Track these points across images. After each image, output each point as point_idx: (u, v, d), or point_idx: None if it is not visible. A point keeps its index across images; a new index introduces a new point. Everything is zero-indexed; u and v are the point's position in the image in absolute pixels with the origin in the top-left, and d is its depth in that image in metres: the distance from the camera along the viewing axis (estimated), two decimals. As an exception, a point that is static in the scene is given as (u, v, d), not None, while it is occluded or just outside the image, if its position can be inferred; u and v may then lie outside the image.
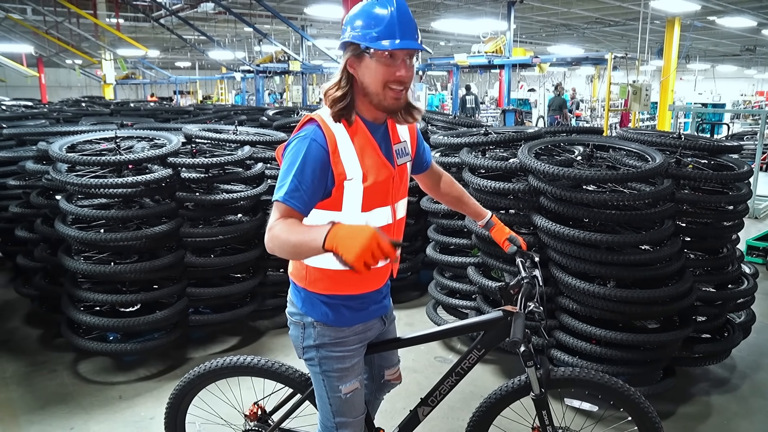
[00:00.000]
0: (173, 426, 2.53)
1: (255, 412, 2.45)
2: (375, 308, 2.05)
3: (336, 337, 1.97)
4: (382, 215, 1.92)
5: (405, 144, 2.00)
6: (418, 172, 2.24)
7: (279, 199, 1.72)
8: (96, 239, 3.53)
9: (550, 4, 15.53)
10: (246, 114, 7.60)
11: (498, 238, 2.30)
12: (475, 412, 2.42)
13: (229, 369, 2.37)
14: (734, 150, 3.99)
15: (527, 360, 2.10)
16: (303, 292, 1.98)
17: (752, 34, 19.69)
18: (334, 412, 2.06)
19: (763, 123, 9.46)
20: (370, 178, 1.82)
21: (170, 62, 30.36)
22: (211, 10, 13.89)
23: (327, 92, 1.83)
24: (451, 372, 2.23)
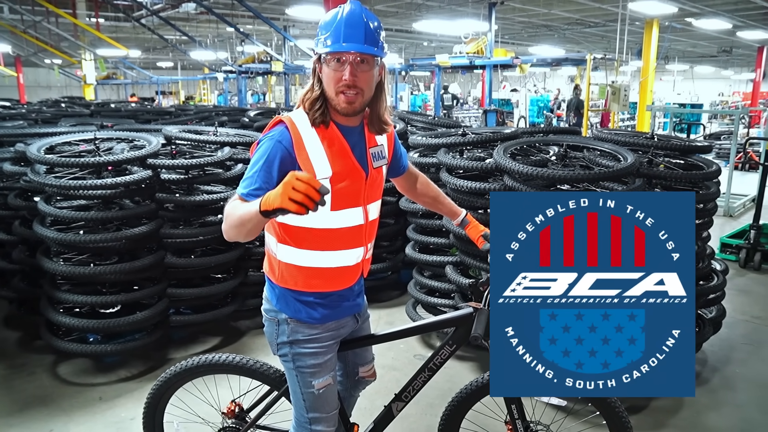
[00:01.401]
0: (151, 425, 2.55)
1: (232, 410, 2.48)
2: (348, 306, 2.09)
3: (309, 333, 2.02)
4: (354, 216, 1.96)
5: (382, 147, 2.04)
6: (395, 175, 2.29)
7: (241, 193, 1.79)
8: (75, 240, 3.53)
9: (531, 5, 15.68)
10: (227, 115, 7.60)
11: (473, 235, 2.36)
12: (446, 407, 2.48)
13: (206, 367, 2.40)
14: (704, 150, 4.10)
15: None
16: (277, 289, 2.03)
17: (728, 35, 20.04)
18: (307, 407, 2.10)
19: (737, 123, 9.67)
20: (339, 179, 1.87)
21: (152, 62, 30.12)
22: (193, 11, 13.83)
23: (303, 97, 1.90)
24: (424, 368, 2.28)
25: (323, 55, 1.83)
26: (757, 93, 24.51)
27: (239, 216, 1.68)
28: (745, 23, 17.20)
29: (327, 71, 1.83)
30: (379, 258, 5.05)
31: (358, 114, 1.91)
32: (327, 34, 1.81)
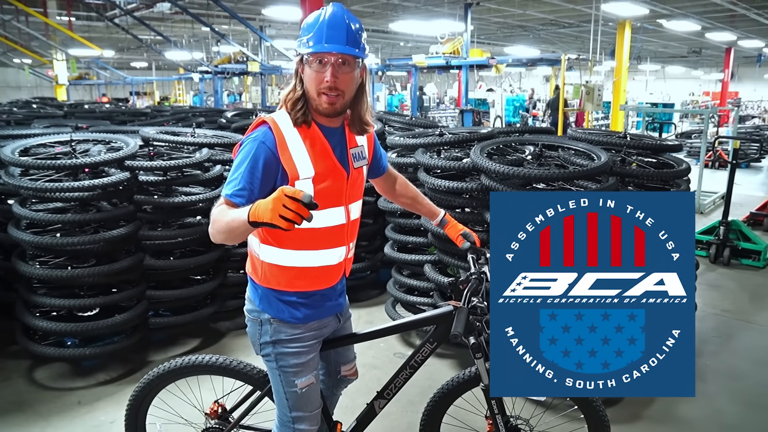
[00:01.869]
0: (134, 427, 2.55)
1: (215, 411, 2.49)
2: (330, 306, 2.12)
3: (292, 333, 2.03)
4: (336, 215, 1.98)
5: (362, 148, 2.07)
6: (375, 176, 2.31)
7: (226, 195, 1.80)
8: (53, 243, 3.50)
9: (506, 6, 15.84)
10: (204, 116, 7.56)
11: (452, 234, 2.40)
12: (428, 403, 2.52)
13: (189, 368, 2.41)
14: (675, 149, 4.21)
15: (476, 352, 2.20)
16: (260, 289, 2.04)
17: (697, 37, 20.47)
18: (290, 406, 2.12)
19: (706, 122, 9.90)
20: (321, 179, 1.90)
21: (126, 63, 29.71)
22: (168, 11, 13.68)
23: (285, 98, 1.92)
24: (406, 365, 2.32)
25: (305, 56, 1.85)
26: (726, 93, 25.05)
27: (227, 222, 1.70)
28: (713, 25, 17.59)
29: (309, 72, 1.85)
30: (358, 258, 5.08)
31: (339, 115, 1.94)
32: (309, 35, 1.83)
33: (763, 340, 4.59)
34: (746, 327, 4.80)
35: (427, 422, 2.54)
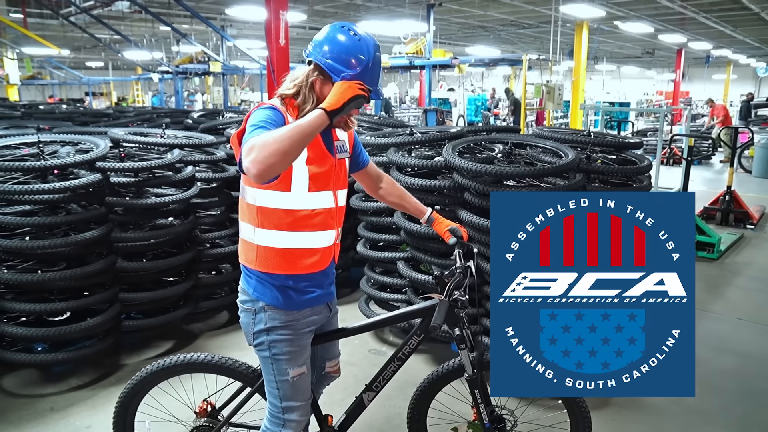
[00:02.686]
0: (122, 425, 2.54)
1: (204, 409, 2.52)
2: (321, 293, 2.19)
3: (286, 320, 2.10)
4: (326, 198, 2.10)
5: (343, 142, 2.19)
6: (356, 169, 2.40)
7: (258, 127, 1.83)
8: (22, 247, 3.43)
9: (467, 7, 16.04)
10: (169, 116, 7.46)
11: (439, 230, 2.47)
12: (413, 394, 2.60)
13: (181, 366, 2.43)
14: (636, 146, 4.39)
15: (460, 343, 2.28)
16: (254, 276, 2.10)
17: (651, 38, 21.14)
18: (281, 396, 2.17)
19: (662, 121, 10.26)
20: (313, 161, 2.02)
21: (81, 62, 28.89)
22: (127, 9, 13.40)
23: (285, 98, 2.02)
24: (393, 358, 2.40)
25: (343, 76, 1.93)
26: (678, 92, 25.92)
27: (289, 130, 1.73)
28: (665, 27, 18.20)
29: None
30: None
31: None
32: (351, 71, 1.93)
33: (718, 327, 4.81)
34: (703, 316, 5.02)
35: (413, 413, 2.62)
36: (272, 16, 8.48)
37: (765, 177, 12.67)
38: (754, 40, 22.46)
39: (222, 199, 4.82)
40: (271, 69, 8.68)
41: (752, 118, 17.80)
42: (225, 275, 4.82)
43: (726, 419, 3.48)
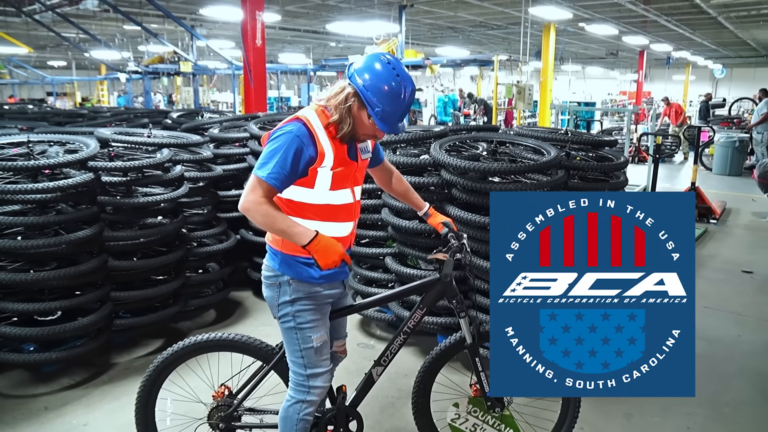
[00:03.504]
0: (144, 406, 2.66)
1: (222, 393, 2.67)
2: (338, 271, 2.37)
3: (308, 291, 2.31)
4: (344, 195, 2.34)
5: (366, 144, 2.44)
6: (374, 165, 2.63)
7: (263, 177, 2.11)
8: (16, 246, 3.43)
9: (437, 8, 16.24)
10: (147, 117, 7.42)
11: (433, 223, 2.71)
12: (419, 370, 2.76)
13: (200, 346, 2.61)
14: (612, 144, 4.60)
15: (460, 311, 2.51)
16: (279, 255, 2.31)
17: (615, 40, 21.70)
18: (305, 364, 2.37)
19: (628, 120, 10.61)
20: (337, 166, 2.25)
21: (42, 61, 28.16)
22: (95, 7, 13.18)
23: (325, 112, 2.23)
24: (399, 332, 2.60)
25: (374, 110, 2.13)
26: (641, 92, 26.69)
27: (282, 228, 2.12)
28: (629, 29, 18.74)
29: (367, 122, 2.19)
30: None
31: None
32: (386, 106, 2.12)
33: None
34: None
35: (419, 387, 2.77)
36: (248, 16, 8.51)
37: (724, 174, 13.19)
38: (711, 42, 23.29)
39: (208, 198, 4.86)
40: (247, 69, 8.70)
41: (711, 117, 18.46)
42: (212, 274, 4.87)
43: (698, 399, 3.69)
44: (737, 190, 11.24)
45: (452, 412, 2.89)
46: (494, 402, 2.66)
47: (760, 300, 5.44)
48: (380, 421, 3.40)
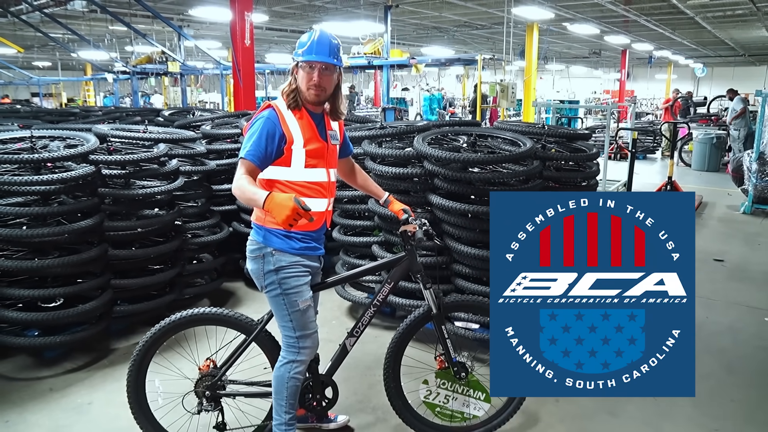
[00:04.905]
0: (135, 386, 2.82)
1: (208, 366, 2.88)
2: (315, 245, 2.68)
3: (290, 261, 2.58)
4: (320, 173, 2.64)
5: (335, 132, 2.74)
6: (342, 156, 2.91)
7: (243, 156, 2.45)
8: (23, 235, 3.61)
9: (422, 9, 16.50)
10: (139, 115, 7.60)
11: (394, 209, 2.98)
12: (388, 347, 2.98)
13: (185, 321, 2.79)
14: (585, 137, 4.86)
15: (426, 282, 2.79)
16: (263, 229, 2.61)
17: (597, 39, 22.11)
18: (294, 327, 2.63)
19: (609, 117, 10.91)
20: (308, 144, 2.57)
21: (28, 61, 28.05)
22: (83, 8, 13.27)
23: (283, 91, 2.58)
24: (370, 305, 2.90)
25: (299, 62, 2.54)
26: (623, 91, 27.14)
27: (249, 196, 2.33)
28: (610, 29, 19.13)
29: (301, 74, 2.56)
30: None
31: (321, 104, 2.65)
32: (303, 48, 2.53)
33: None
34: (648, 291, 5.55)
35: (388, 364, 2.99)
36: (237, 17, 8.69)
37: (703, 170, 13.56)
38: (690, 42, 23.77)
39: (202, 192, 5.06)
40: (236, 69, 8.88)
41: (691, 115, 18.88)
42: (206, 264, 5.07)
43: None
44: (714, 185, 11.60)
45: (423, 389, 3.05)
46: (459, 367, 2.90)
47: (729, 286, 5.74)
48: (369, 396, 3.62)
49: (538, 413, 3.42)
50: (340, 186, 4.98)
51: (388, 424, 3.26)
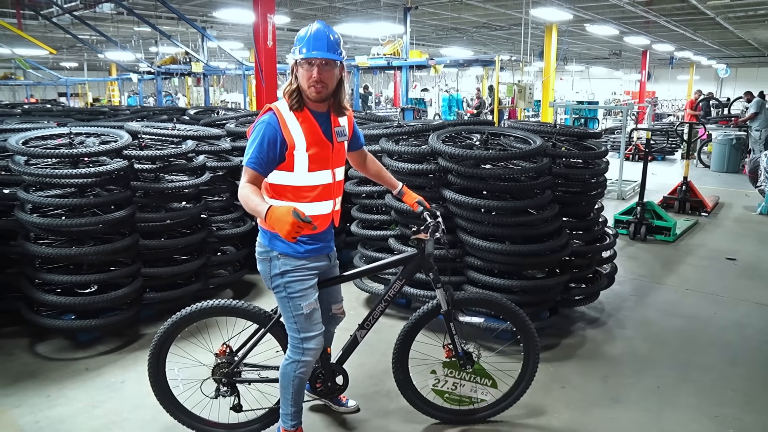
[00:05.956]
0: (155, 372, 2.97)
1: (224, 351, 3.00)
2: (322, 246, 2.74)
3: (296, 265, 2.65)
4: (324, 176, 2.64)
5: (343, 128, 2.74)
6: (353, 149, 2.95)
7: (246, 164, 2.46)
8: (62, 225, 3.88)
9: (441, 10, 16.66)
10: (165, 114, 7.88)
11: (408, 201, 3.05)
12: (398, 337, 3.13)
13: (202, 311, 2.92)
14: (595, 136, 5.01)
15: (437, 282, 2.89)
16: (268, 233, 2.65)
17: (617, 40, 22.06)
18: (299, 328, 2.71)
19: (625, 118, 10.98)
20: (311, 148, 2.55)
21: (55, 62, 28.77)
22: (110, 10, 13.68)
23: (284, 91, 2.57)
24: (381, 299, 2.99)
25: (298, 60, 2.50)
26: (644, 92, 26.99)
27: (252, 207, 2.36)
28: (630, 30, 19.10)
29: (301, 71, 2.52)
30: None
31: (324, 101, 2.60)
32: (301, 45, 2.48)
33: (669, 296, 5.46)
34: (657, 287, 5.67)
35: (398, 353, 3.15)
36: (260, 19, 8.94)
37: (722, 171, 13.52)
38: (713, 42, 23.58)
39: (227, 187, 5.30)
40: (259, 69, 9.14)
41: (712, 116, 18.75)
42: (230, 255, 5.30)
43: (669, 364, 4.10)
44: (732, 186, 11.59)
45: (432, 378, 3.24)
46: (465, 359, 3.07)
47: (739, 283, 5.83)
48: (383, 380, 3.81)
49: (544, 399, 3.59)
50: (359, 181, 5.20)
51: (401, 407, 3.45)
